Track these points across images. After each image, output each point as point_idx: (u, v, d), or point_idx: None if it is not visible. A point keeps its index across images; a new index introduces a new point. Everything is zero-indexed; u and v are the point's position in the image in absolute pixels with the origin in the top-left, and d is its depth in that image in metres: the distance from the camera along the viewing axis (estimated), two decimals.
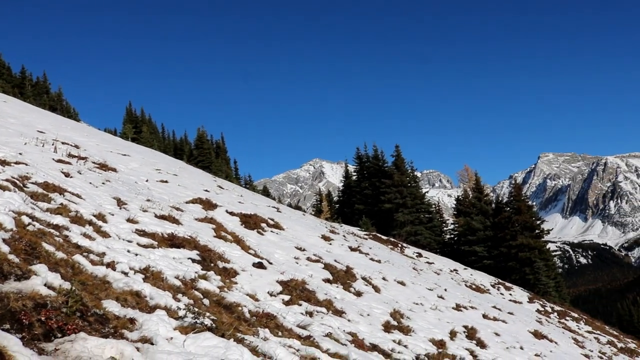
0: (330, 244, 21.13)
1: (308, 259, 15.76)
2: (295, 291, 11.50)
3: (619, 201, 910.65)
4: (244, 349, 5.88)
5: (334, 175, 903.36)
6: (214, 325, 6.33)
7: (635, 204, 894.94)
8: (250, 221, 17.48)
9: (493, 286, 32.59)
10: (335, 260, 17.22)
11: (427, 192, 53.46)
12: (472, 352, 13.09)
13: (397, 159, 50.61)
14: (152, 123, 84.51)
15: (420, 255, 34.12)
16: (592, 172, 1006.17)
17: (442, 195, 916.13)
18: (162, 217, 13.09)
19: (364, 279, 16.32)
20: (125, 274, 7.57)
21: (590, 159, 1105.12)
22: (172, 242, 11.01)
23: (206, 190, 21.97)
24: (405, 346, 11.14)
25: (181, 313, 6.46)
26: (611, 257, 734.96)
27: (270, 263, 13.08)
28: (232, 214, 17.55)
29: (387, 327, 12.26)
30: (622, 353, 25.38)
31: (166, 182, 20.15)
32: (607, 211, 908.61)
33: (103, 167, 17.74)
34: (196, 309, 6.69)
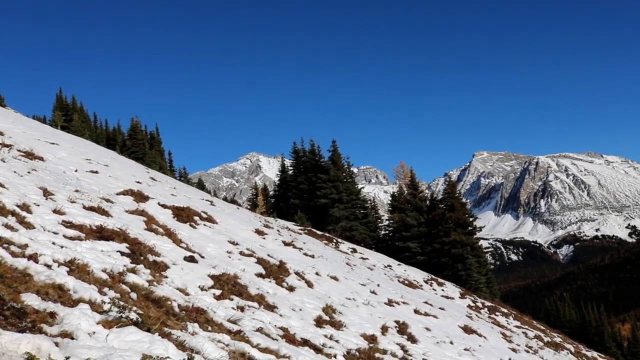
0: (264, 238, 21.00)
1: (241, 253, 15.61)
2: (227, 285, 11.35)
3: (549, 200, 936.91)
4: (170, 343, 5.74)
5: (270, 169, 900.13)
6: (140, 319, 6.16)
7: (565, 202, 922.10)
8: (183, 214, 17.20)
9: (426, 282, 33.01)
10: (269, 255, 17.12)
11: (362, 187, 53.76)
12: (403, 347, 13.18)
13: (333, 154, 50.70)
14: (83, 111, 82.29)
15: (354, 250, 34.28)
16: (525, 171, 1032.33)
17: (379, 192, 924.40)
18: (91, 209, 12.73)
19: (297, 273, 16.26)
20: (49, 266, 7.30)
21: (523, 158, 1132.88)
22: (101, 234, 10.71)
23: (138, 182, 21.53)
24: (336, 341, 11.12)
25: (106, 307, 6.27)
26: (541, 254, 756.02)
27: (202, 257, 12.88)
28: (164, 206, 17.24)
29: (319, 322, 12.22)
30: (548, 347, 26.07)
31: (96, 172, 19.65)
32: (538, 209, 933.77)
33: (29, 155, 17.13)
34: (122, 303, 6.50)
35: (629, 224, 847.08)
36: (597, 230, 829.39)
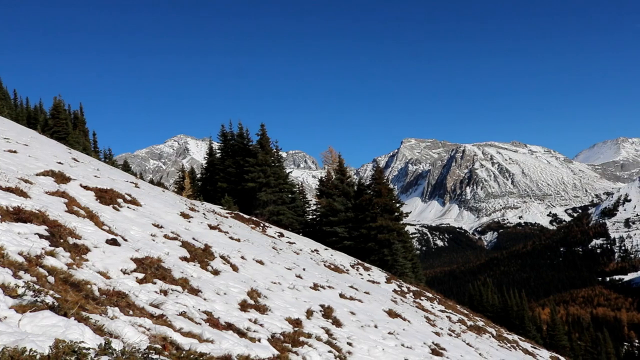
0: (190, 221, 20.74)
1: (165, 236, 15.37)
2: (150, 269, 11.15)
3: (474, 187, 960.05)
4: (86, 327, 5.59)
5: (198, 152, 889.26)
6: (56, 303, 5.98)
7: (489, 190, 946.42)
8: (106, 196, 16.79)
9: (352, 267, 33.28)
10: (194, 239, 16.92)
11: (291, 172, 53.69)
12: (327, 331, 13.24)
13: (262, 137, 50.36)
14: (2, 89, 79.38)
15: (282, 235, 34.26)
16: (451, 158, 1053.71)
17: (307, 176, 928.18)
18: (8, 190, 12.27)
19: (222, 257, 16.13)
20: None
21: (450, 146, 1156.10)
22: (18, 216, 10.33)
23: (59, 163, 20.89)
24: (261, 325, 11.10)
25: (20, 291, 6.05)
26: (466, 240, 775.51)
27: (125, 240, 12.61)
28: (86, 188, 16.78)
29: (244, 306, 12.16)
30: (470, 330, 26.70)
31: (15, 152, 18.97)
32: (464, 196, 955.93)
33: None
34: (38, 287, 6.29)
35: (550, 212, 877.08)
36: (520, 217, 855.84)
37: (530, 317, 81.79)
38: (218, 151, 58.05)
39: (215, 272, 14.20)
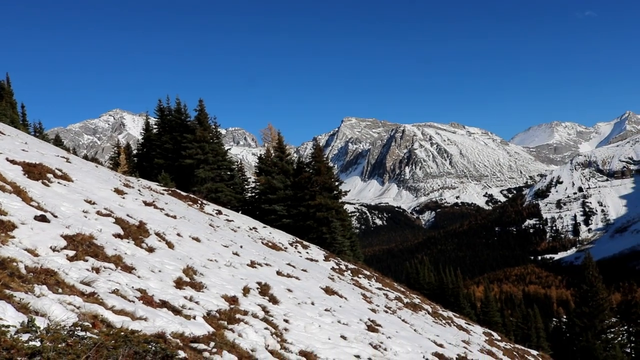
0: (124, 197, 20.32)
1: (98, 212, 14.99)
2: (82, 246, 10.84)
3: (413, 167, 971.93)
4: (9, 305, 5.38)
5: (135, 128, 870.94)
6: None
7: (428, 170, 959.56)
8: (35, 171, 16.27)
9: (291, 244, 33.26)
10: (128, 215, 16.58)
11: (230, 149, 53.07)
12: (264, 308, 13.19)
13: (200, 113, 49.44)
14: None
15: (219, 212, 33.96)
16: (391, 138, 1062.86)
17: (247, 154, 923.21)
18: None
19: (157, 234, 15.86)
20: None
21: (390, 126, 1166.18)
22: None
23: None
24: (197, 302, 10.98)
25: None
26: (404, 220, 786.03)
27: (55, 216, 12.23)
28: (13, 162, 16.22)
29: (179, 284, 11.99)
30: (407, 307, 27.05)
31: None
32: (403, 176, 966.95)
33: None
34: None
35: (486, 193, 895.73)
36: (457, 197, 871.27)
37: (465, 294, 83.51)
38: (155, 127, 56.58)
39: (150, 250, 13.96)
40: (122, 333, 6.47)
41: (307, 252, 32.60)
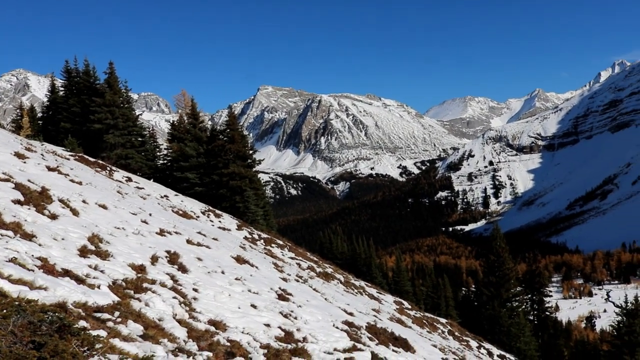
0: (25, 162, 19.47)
1: None
2: None
3: (329, 138, 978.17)
4: None
5: (40, 89, 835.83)
6: None
7: (344, 141, 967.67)
8: None
9: (203, 213, 32.85)
10: (29, 180, 15.88)
11: (141, 114, 51.70)
12: (173, 277, 12.95)
13: (110, 76, 47.53)
14: None
15: (130, 179, 33.11)
16: (307, 108, 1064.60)
17: (160, 120, 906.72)
18: None
19: (61, 201, 15.27)
20: None
21: (306, 96, 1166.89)
22: None
23: None
24: (102, 271, 10.65)
25: None
26: (319, 190, 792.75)
27: None
28: None
29: (84, 252, 11.59)
30: (319, 277, 27.22)
31: None
32: (318, 146, 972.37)
33: None
34: None
35: (400, 164, 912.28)
36: (372, 168, 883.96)
37: (377, 264, 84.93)
38: (61, 89, 53.97)
39: (53, 217, 13.43)
40: (17, 302, 6.18)
41: (220, 221, 32.28)
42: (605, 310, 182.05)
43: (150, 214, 20.90)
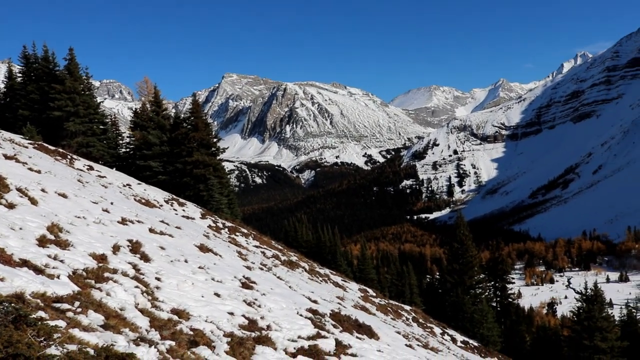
0: None
1: None
2: None
3: (294, 126, 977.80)
4: None
5: None
6: None
7: (309, 129, 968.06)
8: None
9: (167, 202, 32.56)
10: None
11: (102, 102, 50.64)
12: (135, 266, 12.78)
13: (70, 63, 46.52)
14: None
15: (91, 168, 32.62)
16: (273, 96, 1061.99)
17: (123, 108, 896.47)
18: None
19: (19, 190, 14.98)
20: None
21: (271, 84, 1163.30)
22: None
23: None
24: (62, 261, 10.46)
25: None
26: (284, 178, 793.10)
27: None
28: None
29: (43, 242, 11.38)
30: (283, 265, 27.17)
31: None
32: (283, 135, 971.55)
33: None
34: None
35: (365, 153, 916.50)
36: (337, 157, 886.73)
37: (342, 252, 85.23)
38: (19, 75, 52.55)
39: (10, 206, 13.17)
40: None
41: (184, 210, 32.04)
42: (566, 297, 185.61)
43: (112, 203, 20.62)
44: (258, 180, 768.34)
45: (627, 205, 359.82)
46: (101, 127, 47.73)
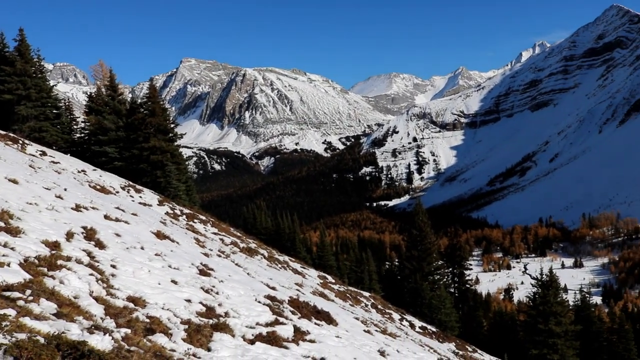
0: None
1: None
2: None
3: (253, 112, 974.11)
4: None
5: None
6: None
7: (268, 115, 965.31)
8: None
9: (123, 188, 32.08)
10: None
11: (55, 85, 49.43)
12: (89, 253, 12.53)
13: (20, 44, 44.97)
14: None
15: (44, 153, 31.91)
16: (232, 82, 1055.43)
17: (77, 92, 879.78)
18: None
19: None
20: None
21: (230, 69, 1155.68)
22: None
23: None
24: (12, 249, 10.18)
25: None
26: (243, 165, 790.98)
27: None
28: None
29: None
30: (242, 252, 27.03)
31: None
32: (243, 121, 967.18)
33: None
34: None
35: (325, 140, 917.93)
36: (296, 144, 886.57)
37: (301, 239, 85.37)
38: None
39: None
40: None
41: (140, 197, 31.61)
42: (522, 283, 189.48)
43: (65, 189, 20.20)
44: (217, 166, 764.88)
45: (582, 192, 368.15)
46: (54, 111, 46.53)
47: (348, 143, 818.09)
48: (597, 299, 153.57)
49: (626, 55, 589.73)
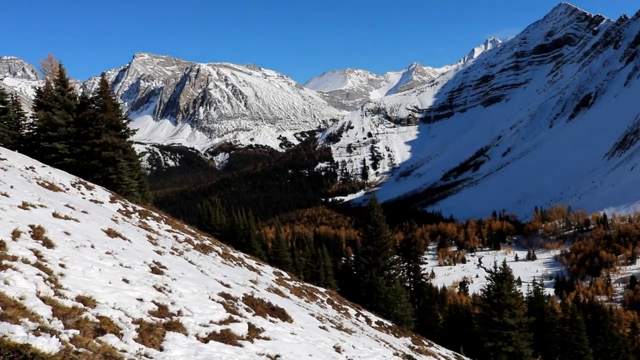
0: None
1: None
2: None
3: (208, 108, 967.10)
4: None
5: None
6: None
7: (223, 111, 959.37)
8: None
9: (73, 185, 31.45)
10: None
11: (2, 79, 48.40)
12: (37, 253, 12.18)
13: None
14: None
15: None
16: (186, 77, 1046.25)
17: (26, 86, 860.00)
18: None
19: None
20: None
21: (184, 64, 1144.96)
22: None
23: None
24: None
25: None
26: (198, 161, 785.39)
27: None
28: None
29: None
30: (196, 249, 26.75)
31: None
32: (197, 116, 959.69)
33: None
34: None
35: (280, 135, 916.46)
36: (251, 139, 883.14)
37: (256, 235, 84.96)
38: None
39: None
40: None
41: (92, 194, 31.03)
42: (477, 276, 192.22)
43: (11, 187, 19.68)
44: (171, 163, 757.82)
45: (534, 186, 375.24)
46: (1, 106, 45.42)
47: (303, 139, 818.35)
48: (549, 291, 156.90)
49: (574, 52, 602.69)
